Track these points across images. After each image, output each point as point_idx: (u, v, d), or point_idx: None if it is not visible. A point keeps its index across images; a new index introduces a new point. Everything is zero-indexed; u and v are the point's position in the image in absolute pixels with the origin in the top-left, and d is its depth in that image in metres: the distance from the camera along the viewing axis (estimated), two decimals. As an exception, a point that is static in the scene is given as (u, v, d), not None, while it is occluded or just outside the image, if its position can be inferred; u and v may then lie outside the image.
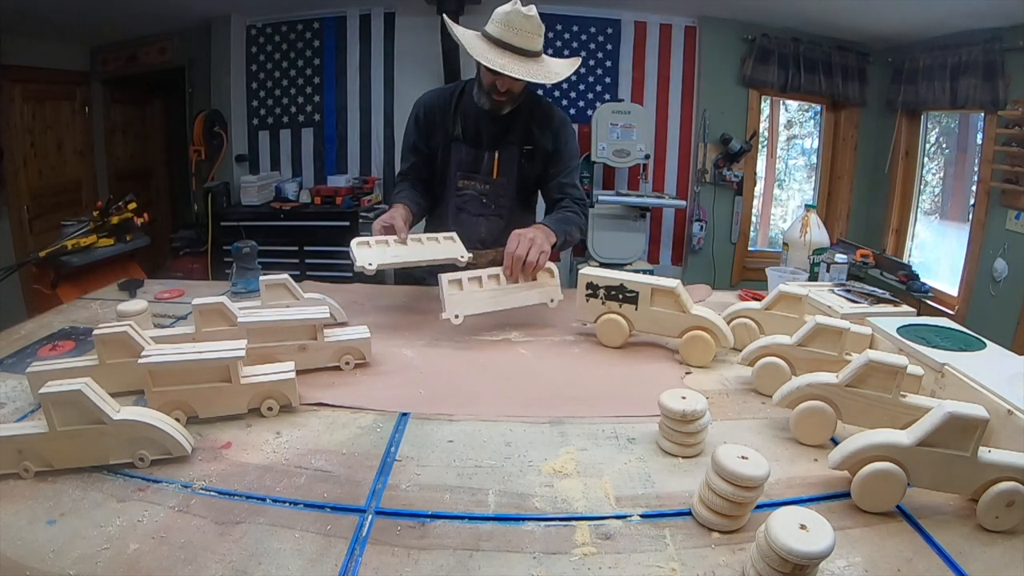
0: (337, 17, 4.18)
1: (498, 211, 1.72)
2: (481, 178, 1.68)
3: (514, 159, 1.67)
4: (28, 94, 3.88)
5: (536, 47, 1.46)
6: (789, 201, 4.94)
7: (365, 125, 4.31)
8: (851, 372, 0.91)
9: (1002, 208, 3.25)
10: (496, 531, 0.74)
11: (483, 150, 1.65)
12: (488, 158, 1.65)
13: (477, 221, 1.72)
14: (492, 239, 1.73)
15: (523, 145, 1.66)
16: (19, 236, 3.81)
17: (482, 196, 1.69)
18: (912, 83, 3.80)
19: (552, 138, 1.67)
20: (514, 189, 1.71)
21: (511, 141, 1.65)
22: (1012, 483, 0.75)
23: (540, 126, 1.66)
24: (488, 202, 1.70)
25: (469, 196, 1.70)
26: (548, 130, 1.67)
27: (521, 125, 1.65)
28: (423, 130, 1.68)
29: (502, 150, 1.65)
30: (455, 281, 1.35)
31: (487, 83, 1.52)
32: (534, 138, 1.66)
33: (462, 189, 1.69)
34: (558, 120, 1.69)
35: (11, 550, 0.69)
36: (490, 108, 1.57)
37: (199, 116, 4.06)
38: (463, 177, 1.68)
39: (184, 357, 0.94)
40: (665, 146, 4.29)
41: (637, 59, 4.19)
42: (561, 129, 1.69)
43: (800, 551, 0.59)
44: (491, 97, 1.54)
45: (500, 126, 1.63)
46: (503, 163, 1.66)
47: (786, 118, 4.75)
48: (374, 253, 1.39)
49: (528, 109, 1.65)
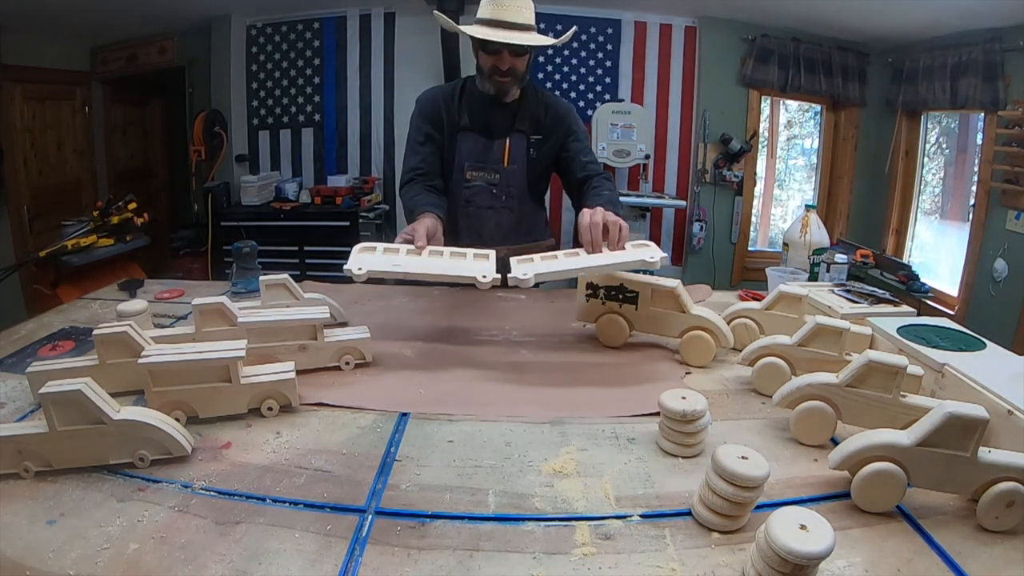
0: (337, 17, 4.18)
1: (508, 203, 1.68)
2: (491, 167, 1.65)
3: (524, 147, 1.65)
4: (28, 94, 3.88)
5: (527, 19, 1.47)
6: (789, 201, 4.94)
7: (365, 125, 4.31)
8: (851, 372, 0.91)
9: (1002, 208, 3.25)
10: (496, 531, 0.74)
11: (493, 138, 1.63)
12: (499, 146, 1.63)
13: (487, 214, 1.68)
14: (501, 234, 1.69)
15: (531, 134, 1.65)
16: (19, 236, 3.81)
17: (492, 187, 1.66)
18: (912, 83, 3.80)
19: (561, 122, 1.67)
20: (524, 179, 1.68)
21: (520, 129, 1.64)
22: (1012, 483, 0.75)
23: (547, 114, 1.66)
24: (498, 192, 1.66)
25: (478, 188, 1.66)
26: (555, 116, 1.66)
27: (528, 114, 1.64)
28: (432, 121, 1.64)
29: (512, 138, 1.64)
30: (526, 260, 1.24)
31: (487, 66, 1.52)
32: (542, 127, 1.65)
33: (471, 180, 1.65)
34: (563, 107, 1.70)
35: (11, 550, 0.69)
36: (496, 91, 1.55)
37: (199, 116, 4.06)
38: (472, 168, 1.65)
39: (184, 357, 0.94)
40: (665, 146, 4.29)
41: (637, 59, 4.19)
42: (568, 114, 1.69)
43: (800, 551, 0.59)
44: (494, 80, 1.53)
45: (508, 113, 1.62)
46: (514, 150, 1.64)
47: (786, 118, 4.75)
48: (371, 259, 1.22)
49: (534, 99, 1.65)
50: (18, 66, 3.72)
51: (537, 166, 1.69)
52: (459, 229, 1.69)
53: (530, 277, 1.14)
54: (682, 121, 4.29)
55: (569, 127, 1.68)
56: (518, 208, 1.70)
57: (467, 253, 1.27)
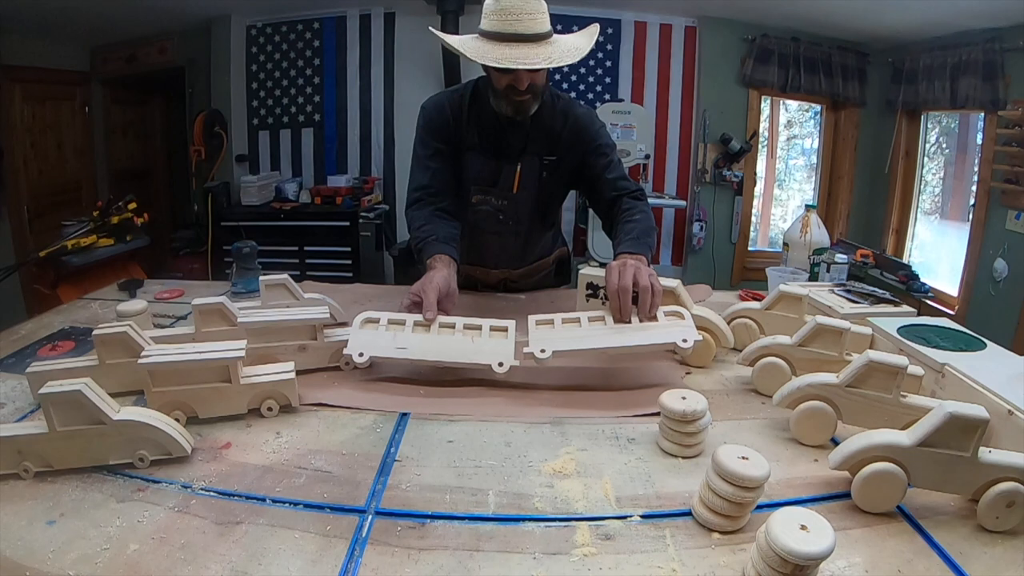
0: (337, 17, 4.18)
1: (516, 228, 1.54)
2: (499, 192, 1.49)
3: (536, 171, 1.47)
4: (28, 94, 3.88)
5: (543, 28, 1.24)
6: (789, 201, 4.94)
7: (365, 125, 4.31)
8: (851, 372, 0.91)
9: (1002, 208, 3.25)
10: (496, 531, 0.74)
11: (503, 162, 1.46)
12: (508, 171, 1.46)
13: (491, 239, 1.57)
14: (507, 258, 1.61)
15: (545, 155, 1.47)
16: (19, 236, 3.81)
17: (499, 212, 1.51)
18: (912, 83, 3.80)
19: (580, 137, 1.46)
20: (534, 204, 1.52)
21: (532, 151, 1.46)
22: (1013, 483, 0.75)
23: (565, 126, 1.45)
24: (505, 219, 1.52)
25: (485, 212, 1.51)
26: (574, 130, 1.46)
27: (543, 130, 1.44)
28: (440, 135, 1.47)
29: (524, 161, 1.46)
30: (545, 322, 1.14)
31: (502, 86, 1.30)
32: (559, 145, 1.46)
33: (476, 204, 1.51)
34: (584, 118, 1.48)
35: (11, 550, 0.69)
36: (514, 113, 1.35)
37: (199, 116, 4.06)
38: (478, 192, 1.50)
39: (184, 357, 0.94)
40: (665, 146, 4.29)
41: (637, 59, 4.20)
42: (588, 125, 1.48)
43: (800, 552, 0.59)
44: (512, 100, 1.32)
45: (521, 132, 1.43)
46: (524, 176, 1.47)
47: (786, 118, 4.75)
48: (374, 339, 1.11)
49: (551, 109, 1.45)
50: (18, 66, 3.73)
51: (550, 189, 1.53)
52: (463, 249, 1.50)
53: (548, 355, 1.06)
54: (682, 121, 4.29)
55: (591, 141, 1.47)
56: (525, 234, 1.58)
57: (483, 327, 1.14)
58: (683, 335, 1.09)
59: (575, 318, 1.14)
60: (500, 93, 1.33)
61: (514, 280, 1.67)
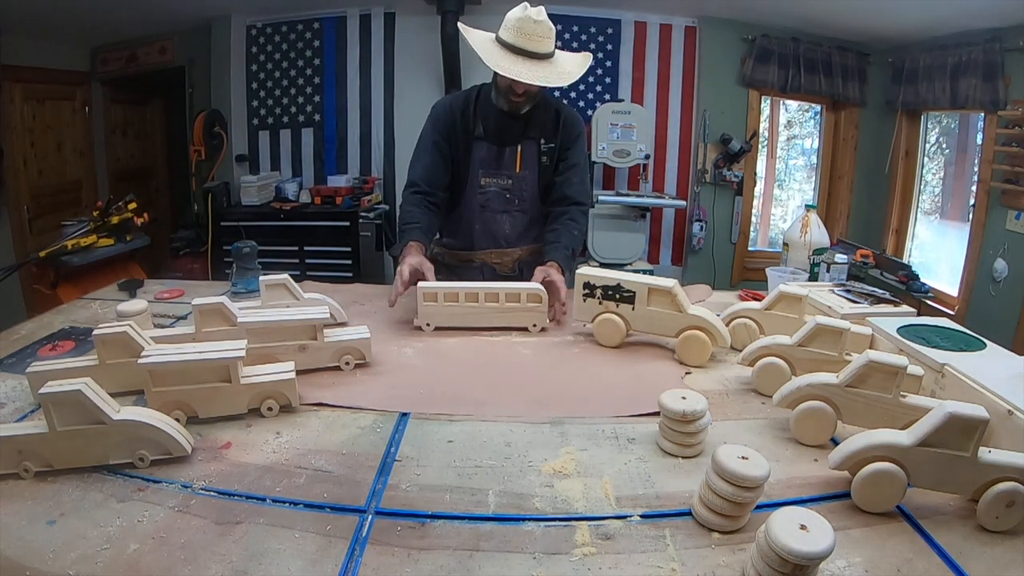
0: (337, 17, 4.17)
1: (521, 206, 1.77)
2: (504, 174, 1.73)
3: (535, 154, 1.73)
4: (28, 94, 3.87)
5: (548, 49, 1.51)
6: (789, 201, 4.94)
7: (365, 125, 4.31)
8: (851, 372, 0.91)
9: (1002, 208, 3.25)
10: (496, 531, 0.74)
11: (505, 146, 1.70)
12: (510, 153, 1.71)
13: (501, 218, 1.78)
14: (516, 235, 1.80)
15: (542, 141, 1.72)
16: (19, 236, 3.81)
17: (505, 192, 1.75)
18: (912, 83, 3.79)
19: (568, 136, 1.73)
20: (536, 183, 1.76)
21: (531, 136, 1.71)
22: (1012, 483, 0.75)
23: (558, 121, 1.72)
24: (512, 197, 1.76)
25: (492, 193, 1.75)
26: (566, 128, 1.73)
27: (539, 121, 1.70)
28: (443, 130, 1.71)
29: (524, 145, 1.71)
30: (431, 296, 1.40)
31: (504, 86, 1.57)
32: (553, 137, 1.72)
33: (484, 186, 1.74)
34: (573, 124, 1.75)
35: (11, 550, 0.69)
36: (509, 109, 1.62)
37: (199, 116, 4.06)
38: (485, 175, 1.73)
39: (184, 357, 0.94)
40: (665, 146, 4.29)
41: (637, 59, 4.19)
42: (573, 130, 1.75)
43: (800, 551, 0.59)
44: (509, 99, 1.59)
45: (519, 122, 1.68)
46: (525, 157, 1.72)
47: (786, 118, 4.75)
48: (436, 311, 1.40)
49: (544, 105, 1.70)
50: (18, 66, 3.72)
51: (549, 170, 1.76)
52: (475, 231, 1.79)
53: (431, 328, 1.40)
54: (682, 121, 4.29)
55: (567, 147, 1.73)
56: (530, 210, 1.79)
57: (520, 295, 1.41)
58: (533, 320, 1.42)
59: (455, 293, 1.40)
60: (501, 90, 1.60)
61: (525, 259, 1.83)
